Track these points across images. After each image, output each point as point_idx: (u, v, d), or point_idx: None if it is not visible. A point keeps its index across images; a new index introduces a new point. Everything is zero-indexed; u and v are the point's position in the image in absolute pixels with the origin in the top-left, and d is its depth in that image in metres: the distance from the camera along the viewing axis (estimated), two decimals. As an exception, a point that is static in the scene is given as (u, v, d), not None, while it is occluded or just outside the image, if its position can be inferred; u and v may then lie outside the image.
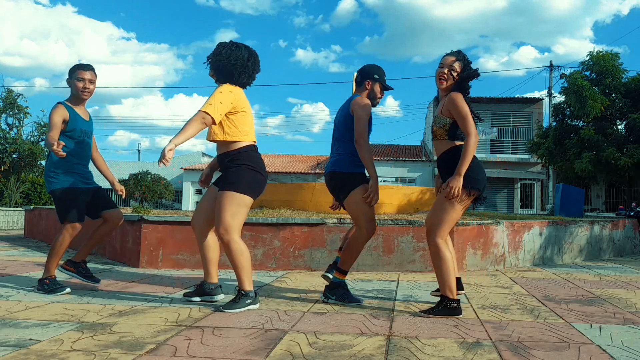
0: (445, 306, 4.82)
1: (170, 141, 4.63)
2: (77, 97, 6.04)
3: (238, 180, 5.02)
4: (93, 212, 6.21)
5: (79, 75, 5.97)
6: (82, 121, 6.06)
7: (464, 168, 4.81)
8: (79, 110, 6.07)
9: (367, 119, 5.46)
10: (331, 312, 4.95)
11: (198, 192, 44.07)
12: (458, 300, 4.89)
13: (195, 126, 4.81)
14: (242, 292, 5.01)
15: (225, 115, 5.05)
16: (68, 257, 6.25)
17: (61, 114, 5.89)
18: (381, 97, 5.77)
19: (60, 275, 6.14)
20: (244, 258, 4.98)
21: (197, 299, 5.33)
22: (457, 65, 5.16)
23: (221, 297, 5.39)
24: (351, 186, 5.53)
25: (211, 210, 5.17)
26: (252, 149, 5.19)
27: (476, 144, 4.89)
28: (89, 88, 6.02)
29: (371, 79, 5.71)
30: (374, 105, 5.70)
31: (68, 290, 5.77)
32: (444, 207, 4.90)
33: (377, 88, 5.71)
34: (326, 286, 5.65)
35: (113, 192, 6.80)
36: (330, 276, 5.70)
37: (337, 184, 5.63)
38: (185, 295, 5.44)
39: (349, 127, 5.56)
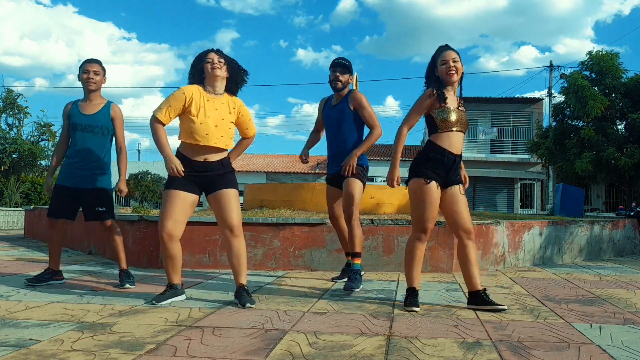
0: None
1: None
2: (84, 89, 6.28)
3: (237, 183, 5.48)
4: (85, 214, 6.33)
5: (84, 68, 6.23)
6: (79, 115, 6.22)
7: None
8: (83, 104, 6.29)
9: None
10: (331, 312, 4.95)
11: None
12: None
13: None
14: (245, 287, 5.30)
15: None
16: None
17: (65, 111, 6.31)
18: (334, 79, 6.30)
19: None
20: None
21: (169, 301, 5.27)
22: (458, 57, 5.31)
23: (184, 297, 5.45)
24: None
25: (185, 217, 5.34)
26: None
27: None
28: (93, 78, 6.22)
29: None
30: (334, 88, 6.37)
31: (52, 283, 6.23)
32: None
33: (330, 76, 6.37)
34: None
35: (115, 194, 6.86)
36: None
37: None
38: (157, 300, 5.27)
39: None
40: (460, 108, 5.25)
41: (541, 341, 4.03)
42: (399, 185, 5.23)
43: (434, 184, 5.09)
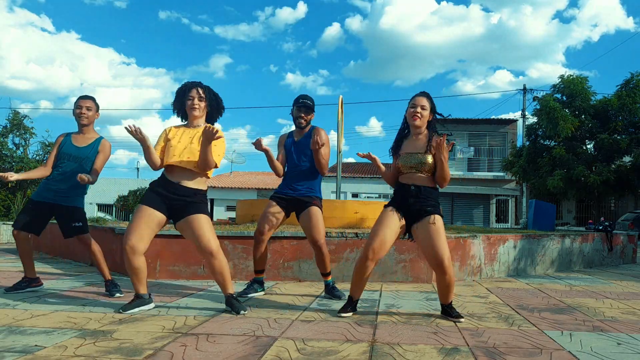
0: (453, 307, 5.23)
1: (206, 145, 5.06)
2: (78, 123, 6.34)
3: (207, 211, 5.42)
4: (62, 232, 6.37)
5: (78, 104, 6.30)
6: (70, 146, 6.28)
7: None
8: (76, 136, 6.36)
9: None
10: (318, 320, 4.96)
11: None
12: None
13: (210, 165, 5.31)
14: (234, 295, 5.39)
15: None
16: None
17: (56, 141, 6.41)
18: (298, 117, 6.28)
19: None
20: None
21: (137, 310, 5.23)
22: (427, 105, 5.36)
23: (153, 305, 5.44)
24: None
25: (151, 233, 5.26)
26: None
27: None
28: (85, 114, 6.28)
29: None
30: (297, 125, 6.33)
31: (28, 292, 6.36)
32: (444, 236, 5.07)
33: (293, 112, 6.35)
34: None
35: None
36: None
37: None
38: (124, 309, 5.21)
39: None
40: (426, 151, 5.26)
41: (515, 347, 4.05)
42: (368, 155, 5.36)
43: (389, 209, 5.24)
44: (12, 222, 20.02)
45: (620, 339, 4.41)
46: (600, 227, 12.56)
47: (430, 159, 5.22)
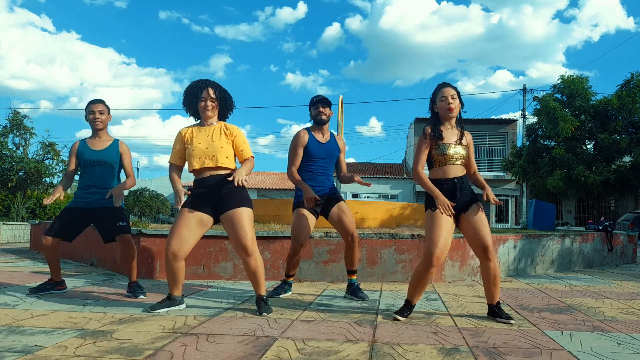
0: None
1: (241, 173, 5.25)
2: (92, 128, 6.38)
3: (249, 199, 5.48)
4: (103, 236, 6.36)
5: (90, 109, 6.31)
6: (89, 152, 6.30)
7: None
8: (92, 141, 6.39)
9: (291, 148, 6.24)
10: (318, 320, 4.95)
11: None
12: None
13: (251, 167, 5.63)
14: (264, 297, 5.39)
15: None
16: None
17: (72, 150, 6.41)
18: (318, 114, 6.22)
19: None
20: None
21: (165, 310, 5.28)
22: (455, 93, 5.36)
23: (184, 306, 5.44)
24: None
25: (192, 235, 5.27)
26: None
27: None
28: (99, 118, 6.30)
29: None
30: (318, 122, 6.24)
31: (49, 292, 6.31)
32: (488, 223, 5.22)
33: (312, 112, 6.28)
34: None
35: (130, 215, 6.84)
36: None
37: None
38: (152, 308, 5.26)
39: None
40: (461, 142, 5.34)
41: (515, 347, 4.04)
42: (454, 204, 5.10)
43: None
44: (12, 222, 20.08)
45: (620, 339, 4.41)
46: (600, 227, 12.56)
47: (465, 150, 5.41)
